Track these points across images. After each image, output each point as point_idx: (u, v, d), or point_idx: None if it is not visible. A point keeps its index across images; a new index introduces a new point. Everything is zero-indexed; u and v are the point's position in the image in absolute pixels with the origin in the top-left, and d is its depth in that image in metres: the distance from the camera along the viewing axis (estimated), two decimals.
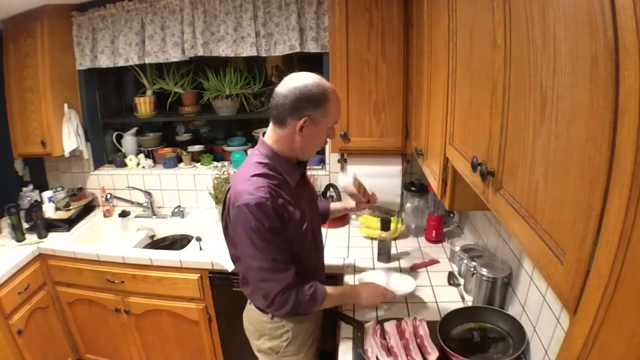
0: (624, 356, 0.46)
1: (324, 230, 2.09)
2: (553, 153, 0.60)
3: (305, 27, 2.15)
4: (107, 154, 2.78)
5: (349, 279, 1.73)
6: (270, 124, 1.22)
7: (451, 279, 1.66)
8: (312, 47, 2.16)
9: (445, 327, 1.29)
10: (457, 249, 1.73)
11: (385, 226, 1.81)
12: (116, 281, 2.07)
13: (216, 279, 1.96)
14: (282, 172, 1.21)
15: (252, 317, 1.39)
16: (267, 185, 1.15)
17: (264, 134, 1.26)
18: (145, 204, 2.56)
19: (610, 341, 0.48)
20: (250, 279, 1.27)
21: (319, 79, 1.17)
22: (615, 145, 0.45)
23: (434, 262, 1.83)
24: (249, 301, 1.41)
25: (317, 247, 1.40)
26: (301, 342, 1.37)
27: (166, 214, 2.55)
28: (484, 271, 1.40)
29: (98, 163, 2.70)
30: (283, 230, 1.18)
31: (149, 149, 2.72)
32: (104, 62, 2.41)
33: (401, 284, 1.55)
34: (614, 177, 0.45)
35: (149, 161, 2.65)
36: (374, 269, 1.77)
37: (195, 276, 1.97)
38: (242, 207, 1.12)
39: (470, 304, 1.49)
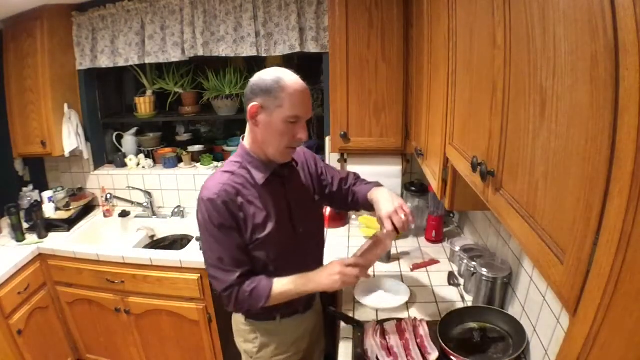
0: (624, 356, 0.46)
1: None
2: (553, 153, 0.59)
3: (305, 27, 2.15)
4: (107, 154, 2.78)
5: None
6: None
7: (451, 279, 1.66)
8: (312, 47, 2.16)
9: (445, 327, 1.29)
10: (457, 249, 1.73)
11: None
12: (116, 281, 2.07)
13: None
14: (251, 170, 1.20)
15: (234, 316, 1.41)
16: (226, 182, 1.16)
17: None
18: (145, 204, 2.56)
19: (610, 341, 0.48)
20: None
21: (281, 72, 1.13)
22: (615, 145, 0.45)
23: (434, 262, 1.83)
24: None
25: (297, 251, 1.29)
26: (275, 352, 1.34)
27: (166, 214, 2.55)
28: (484, 271, 1.40)
29: (98, 163, 2.70)
30: (237, 230, 1.16)
31: (149, 149, 2.72)
32: (104, 62, 2.41)
33: (393, 295, 1.57)
34: (614, 177, 0.45)
35: (149, 161, 2.65)
36: (373, 275, 1.77)
37: (195, 276, 1.97)
38: (199, 201, 1.17)
39: (470, 304, 1.49)
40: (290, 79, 1.12)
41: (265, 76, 1.12)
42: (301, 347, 1.39)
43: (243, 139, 1.25)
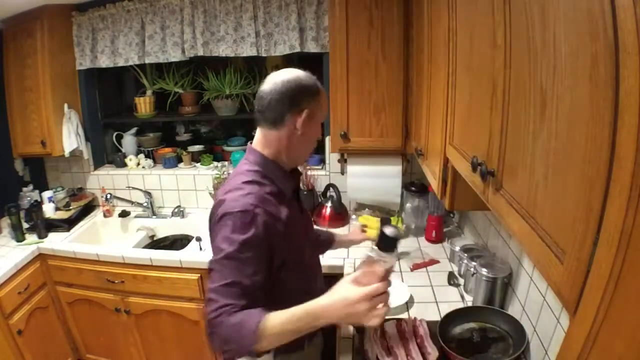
0: (624, 356, 0.46)
1: None
2: (553, 153, 0.59)
3: (305, 27, 2.15)
4: (107, 154, 2.78)
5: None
6: (259, 130, 1.09)
7: (451, 279, 1.66)
8: (312, 47, 2.16)
9: (445, 327, 1.29)
10: (457, 249, 1.73)
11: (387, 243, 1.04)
12: (116, 281, 2.07)
13: None
14: (275, 179, 1.06)
15: None
16: (257, 192, 1.00)
17: (251, 142, 1.13)
18: (145, 204, 2.56)
19: (610, 341, 0.48)
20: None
21: (308, 74, 1.08)
22: (615, 145, 0.45)
23: (434, 262, 1.83)
24: None
25: (313, 273, 1.21)
26: None
27: (166, 214, 2.55)
28: (484, 271, 1.40)
29: (98, 163, 2.70)
30: (269, 250, 0.98)
31: (149, 149, 2.72)
32: (104, 62, 2.41)
33: (393, 295, 1.54)
34: (614, 177, 0.45)
35: (149, 161, 2.65)
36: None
37: (195, 276, 1.97)
38: (225, 215, 0.97)
39: (470, 304, 1.49)
40: (315, 79, 1.09)
41: (303, 77, 1.04)
42: None
43: (251, 144, 1.12)
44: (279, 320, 0.89)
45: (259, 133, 1.10)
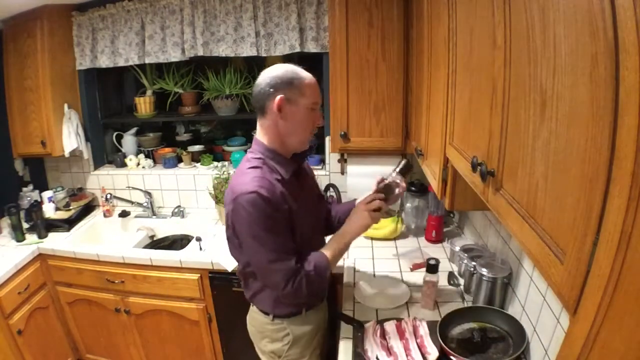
0: (624, 356, 0.46)
1: None
2: (553, 153, 0.59)
3: (305, 27, 2.15)
4: (107, 154, 2.78)
5: (349, 280, 1.73)
6: (257, 120, 1.25)
7: (451, 279, 1.66)
8: (312, 47, 2.16)
9: (445, 327, 1.29)
10: (457, 249, 1.73)
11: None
12: (116, 281, 2.07)
13: (216, 279, 1.96)
14: (275, 164, 1.22)
15: (255, 319, 1.40)
16: (260, 176, 1.16)
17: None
18: (145, 204, 2.56)
19: (610, 341, 0.48)
20: (259, 274, 1.27)
21: (292, 66, 1.21)
22: (615, 145, 0.45)
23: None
24: (252, 304, 1.41)
25: (315, 236, 1.41)
26: (304, 345, 1.36)
27: (166, 214, 2.55)
28: (484, 271, 1.40)
29: (98, 163, 2.70)
30: (282, 220, 1.18)
31: (149, 149, 2.72)
32: (104, 62, 2.41)
33: (393, 295, 1.57)
34: (614, 177, 0.45)
35: (149, 161, 2.65)
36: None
37: (195, 276, 1.97)
38: (238, 200, 1.13)
39: (470, 304, 1.49)
40: (301, 70, 1.20)
41: (280, 71, 1.18)
42: (320, 341, 1.44)
43: (254, 135, 1.28)
44: (328, 250, 1.28)
45: (257, 123, 1.26)
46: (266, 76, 1.18)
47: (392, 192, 1.33)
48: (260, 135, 1.25)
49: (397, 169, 1.35)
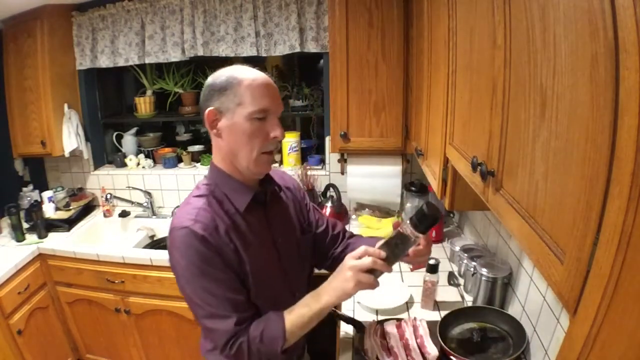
0: (625, 356, 0.46)
1: None
2: (553, 153, 0.59)
3: (305, 27, 2.15)
4: (107, 154, 2.78)
5: None
6: None
7: (451, 279, 1.66)
8: (312, 47, 2.16)
9: (445, 327, 1.29)
10: (457, 249, 1.73)
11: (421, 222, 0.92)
12: (116, 281, 2.07)
13: None
14: (228, 192, 1.01)
15: None
16: (202, 207, 0.96)
17: None
18: (145, 204, 2.56)
19: (610, 341, 0.48)
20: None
21: (235, 67, 0.97)
22: (615, 145, 0.45)
23: None
24: None
25: (284, 285, 1.10)
26: None
27: (166, 214, 2.56)
28: (484, 271, 1.40)
29: (98, 163, 2.70)
30: (224, 265, 0.94)
31: (149, 149, 2.72)
32: (104, 62, 2.41)
33: (393, 295, 1.56)
34: (614, 177, 0.45)
35: (149, 161, 2.65)
36: None
37: None
38: (171, 235, 0.96)
39: (470, 304, 1.49)
40: (245, 71, 0.96)
41: (216, 75, 0.97)
42: None
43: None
44: (292, 313, 0.96)
45: None
46: (205, 83, 0.98)
47: (405, 247, 0.94)
48: (214, 155, 1.03)
49: (412, 219, 0.91)
